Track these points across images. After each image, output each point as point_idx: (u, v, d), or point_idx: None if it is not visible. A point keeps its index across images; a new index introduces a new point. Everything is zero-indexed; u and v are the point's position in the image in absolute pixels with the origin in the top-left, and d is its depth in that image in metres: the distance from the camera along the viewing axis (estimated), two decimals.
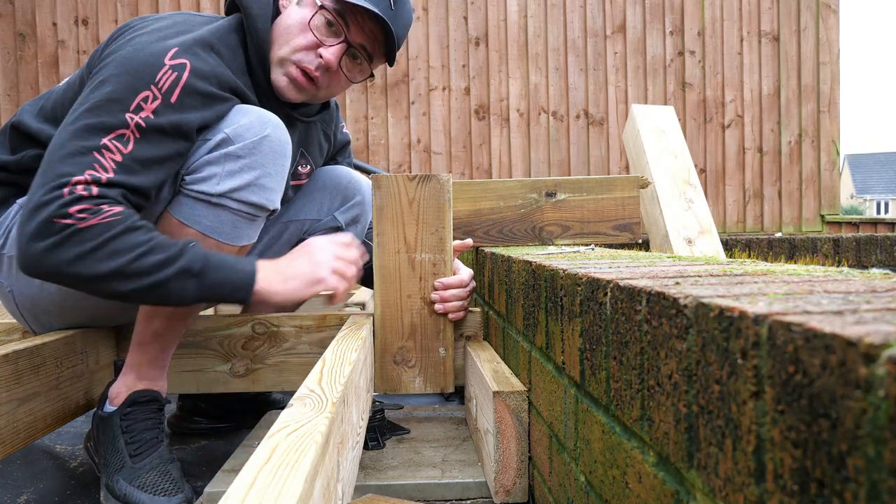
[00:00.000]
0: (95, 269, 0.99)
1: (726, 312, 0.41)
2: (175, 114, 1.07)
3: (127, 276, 1.01)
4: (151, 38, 1.12)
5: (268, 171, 1.16)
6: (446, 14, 4.50)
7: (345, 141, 1.63)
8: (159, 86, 1.07)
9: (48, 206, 0.98)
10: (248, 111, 1.16)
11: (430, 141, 4.49)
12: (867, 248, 3.12)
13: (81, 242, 0.98)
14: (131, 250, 1.00)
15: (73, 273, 1.00)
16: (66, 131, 1.04)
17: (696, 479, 0.47)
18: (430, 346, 1.40)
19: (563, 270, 0.83)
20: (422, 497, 1.13)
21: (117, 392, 1.21)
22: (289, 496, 0.43)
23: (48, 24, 4.31)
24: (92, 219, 0.98)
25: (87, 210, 0.98)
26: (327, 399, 0.69)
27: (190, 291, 1.05)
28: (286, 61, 1.24)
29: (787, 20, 4.64)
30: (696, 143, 4.58)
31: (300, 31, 1.23)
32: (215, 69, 1.13)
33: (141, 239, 1.02)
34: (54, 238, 0.98)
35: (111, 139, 1.03)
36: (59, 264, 0.99)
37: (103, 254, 0.99)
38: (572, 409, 0.80)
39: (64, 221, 0.97)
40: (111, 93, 1.05)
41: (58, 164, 1.00)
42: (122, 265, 1.00)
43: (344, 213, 1.50)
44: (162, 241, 1.04)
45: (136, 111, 1.05)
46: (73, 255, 0.98)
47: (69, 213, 0.98)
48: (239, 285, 1.10)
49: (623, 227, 1.77)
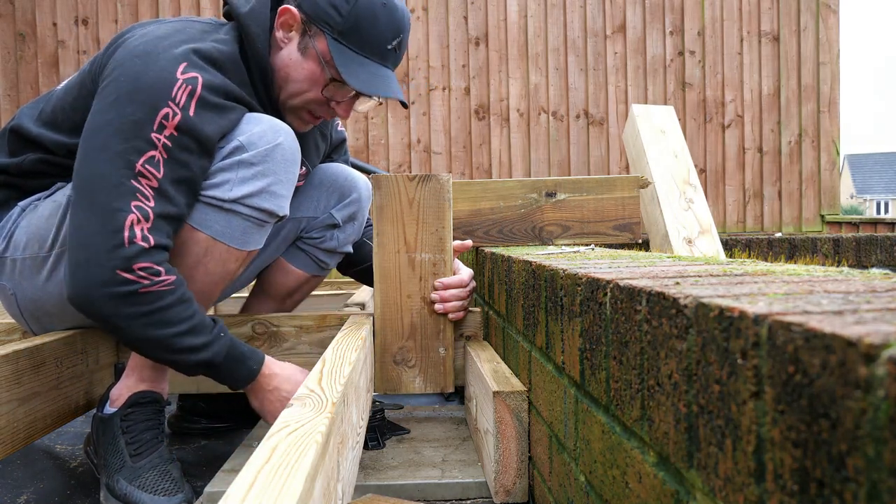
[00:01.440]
0: (142, 332, 1.07)
1: (726, 312, 0.41)
2: (196, 128, 1.10)
3: (164, 347, 1.09)
4: (157, 49, 1.12)
5: (279, 178, 1.19)
6: (446, 14, 4.50)
7: (340, 139, 1.64)
8: (176, 101, 1.09)
9: (113, 254, 1.03)
10: (260, 119, 1.19)
11: (430, 141, 4.49)
12: (867, 248, 3.12)
13: (138, 304, 1.05)
14: (177, 324, 1.08)
15: (119, 326, 1.07)
16: (98, 156, 1.07)
17: (696, 479, 0.47)
18: (430, 345, 1.40)
19: (563, 270, 0.83)
20: (422, 497, 1.13)
21: (118, 394, 1.21)
22: (289, 496, 0.43)
23: (48, 24, 4.31)
24: (151, 285, 1.06)
25: (148, 270, 1.05)
26: (327, 399, 0.69)
27: (199, 373, 1.15)
28: (299, 109, 1.31)
29: (787, 20, 4.64)
30: (696, 143, 4.58)
31: (310, 87, 1.27)
32: (224, 81, 1.16)
33: (186, 314, 1.09)
34: (116, 289, 1.04)
35: (143, 163, 1.07)
36: (110, 315, 1.05)
37: (153, 320, 1.07)
38: (572, 409, 0.80)
39: (127, 276, 1.04)
40: (133, 113, 1.07)
41: (106, 195, 1.05)
42: (165, 337, 1.08)
43: (341, 211, 1.51)
44: (200, 321, 1.11)
45: (160, 130, 1.07)
46: (128, 314, 1.06)
47: (133, 269, 1.04)
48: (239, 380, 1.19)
49: (623, 227, 1.76)
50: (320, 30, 1.23)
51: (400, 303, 1.39)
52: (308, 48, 1.24)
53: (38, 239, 1.21)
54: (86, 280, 1.04)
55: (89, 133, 1.09)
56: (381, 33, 1.24)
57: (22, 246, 1.23)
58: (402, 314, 1.39)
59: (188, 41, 1.15)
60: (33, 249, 1.22)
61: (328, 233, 1.50)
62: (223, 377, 1.17)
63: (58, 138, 1.23)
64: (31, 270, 1.23)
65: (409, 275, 1.38)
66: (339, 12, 1.21)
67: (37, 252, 1.22)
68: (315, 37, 1.23)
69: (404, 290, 1.39)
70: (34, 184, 1.28)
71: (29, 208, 1.26)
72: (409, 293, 1.39)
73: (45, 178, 1.27)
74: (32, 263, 1.22)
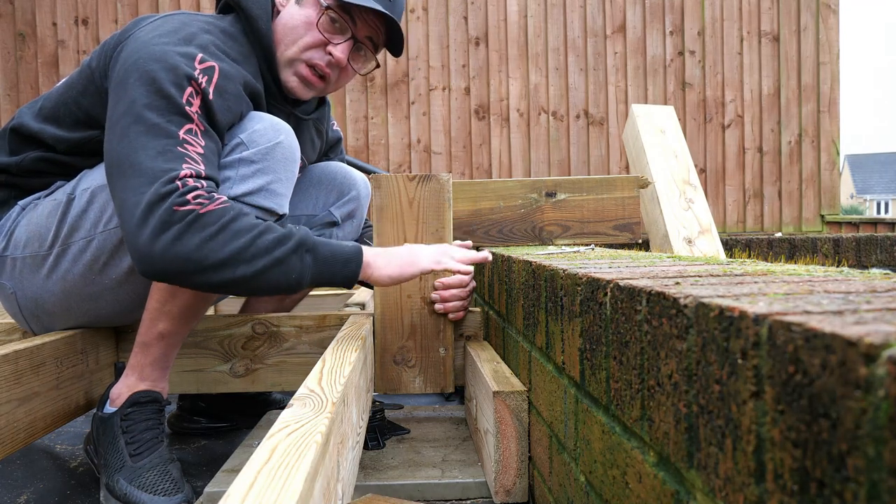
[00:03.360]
0: (220, 252, 1.00)
1: (726, 312, 0.41)
2: (213, 111, 1.10)
3: (250, 256, 1.02)
4: (173, 40, 1.12)
5: (279, 176, 1.19)
6: (446, 14, 4.50)
7: (336, 137, 1.65)
8: (199, 82, 1.09)
9: (167, 199, 0.99)
10: (261, 117, 1.19)
11: (430, 141, 4.49)
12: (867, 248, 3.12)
13: (204, 227, 1.00)
14: (249, 231, 1.02)
15: (199, 259, 1.00)
16: (135, 129, 1.04)
17: (696, 478, 0.47)
18: (430, 345, 1.40)
19: (563, 270, 0.83)
20: (422, 497, 1.13)
21: (118, 393, 1.21)
22: (289, 496, 0.43)
23: (48, 24, 4.31)
24: (209, 204, 1.01)
25: (203, 196, 1.01)
26: (327, 399, 0.69)
27: (308, 266, 1.06)
28: (296, 61, 1.27)
29: (787, 20, 4.64)
30: (696, 143, 4.58)
31: (307, 30, 1.26)
32: (239, 71, 1.17)
33: (254, 221, 1.04)
34: (178, 226, 0.99)
35: (184, 132, 1.05)
36: (188, 252, 0.99)
37: (226, 236, 1.01)
38: (572, 409, 0.80)
39: (185, 209, 0.99)
40: (162, 89, 1.06)
41: (153, 162, 1.02)
42: (245, 245, 1.01)
43: (339, 208, 1.51)
44: (270, 224, 1.06)
45: (189, 105, 1.07)
46: (198, 241, 1.00)
47: (188, 200, 1.00)
48: (350, 257, 1.10)
49: (623, 227, 1.76)
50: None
51: (400, 303, 1.39)
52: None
53: (38, 237, 1.22)
54: (151, 235, 0.99)
55: (118, 114, 1.07)
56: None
57: (22, 244, 1.23)
58: (402, 314, 1.39)
59: (200, 33, 1.16)
60: (33, 248, 1.22)
61: (327, 231, 1.50)
62: (332, 261, 1.08)
63: (59, 133, 1.23)
64: (31, 269, 1.23)
65: None
66: None
67: (37, 250, 1.22)
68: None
69: (404, 290, 1.39)
70: (34, 183, 1.28)
71: (29, 207, 1.26)
72: (409, 293, 1.39)
73: (46, 176, 1.27)
74: (33, 262, 1.23)
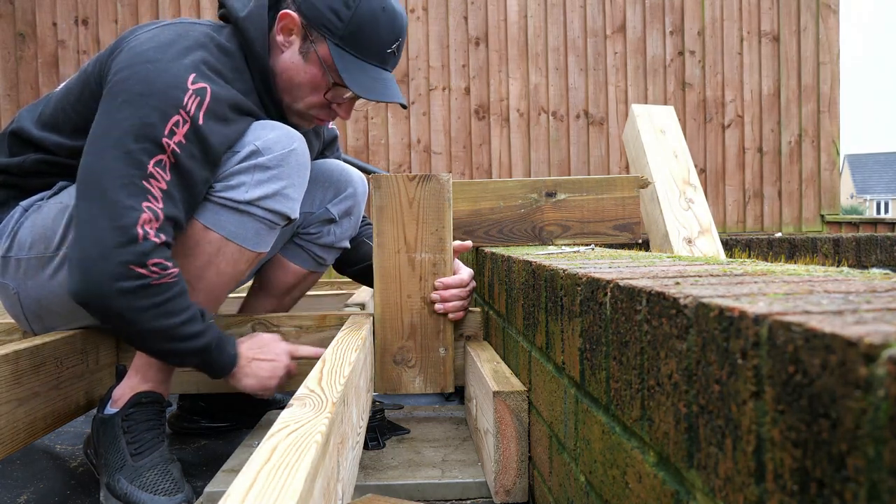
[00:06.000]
0: (149, 324, 1.08)
1: (726, 312, 0.41)
2: (204, 138, 1.12)
3: (169, 337, 1.10)
4: (167, 56, 1.13)
5: (293, 182, 1.22)
6: (446, 14, 4.50)
7: (332, 136, 1.67)
8: (187, 109, 1.10)
9: (126, 250, 1.04)
10: (274, 126, 1.23)
11: (430, 141, 4.49)
12: (867, 248, 3.12)
13: (149, 297, 1.07)
14: (181, 313, 1.10)
15: (129, 319, 1.07)
16: (110, 153, 1.07)
17: (696, 478, 0.47)
18: (430, 345, 1.40)
19: (563, 270, 0.83)
20: (422, 497, 1.13)
21: (121, 393, 1.21)
22: (289, 496, 0.43)
23: (48, 24, 4.31)
24: (160, 278, 1.07)
25: (160, 266, 1.07)
26: (327, 399, 0.69)
27: (195, 362, 1.17)
28: (302, 113, 1.33)
29: (787, 20, 4.63)
30: (696, 143, 4.58)
31: (311, 92, 1.29)
32: (231, 93, 1.18)
33: (187, 304, 1.12)
34: (129, 284, 1.05)
35: (153, 165, 1.08)
36: (125, 309, 1.06)
37: (162, 311, 1.08)
38: (572, 409, 0.80)
39: (140, 271, 1.05)
40: (145, 116, 1.08)
41: (117, 193, 1.06)
42: (171, 326, 1.10)
43: (336, 206, 1.51)
44: (195, 310, 1.14)
45: (170, 136, 1.09)
46: (139, 306, 1.06)
47: (146, 264, 1.05)
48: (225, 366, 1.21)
49: (623, 227, 1.76)
50: (321, 35, 1.24)
51: (400, 303, 1.39)
52: (310, 52, 1.26)
53: (44, 239, 1.22)
54: (97, 275, 1.04)
55: (100, 131, 1.10)
56: (381, 38, 1.25)
57: (27, 246, 1.23)
58: (402, 314, 1.39)
59: (195, 48, 1.16)
60: (39, 249, 1.22)
61: (325, 228, 1.50)
62: (213, 364, 1.19)
63: (59, 140, 1.23)
64: (35, 270, 1.23)
65: (409, 275, 1.38)
66: (339, 18, 1.22)
67: (43, 252, 1.22)
68: (316, 42, 1.25)
69: (404, 290, 1.39)
70: (36, 183, 1.28)
71: (32, 208, 1.26)
72: (410, 293, 1.39)
73: (47, 177, 1.27)
74: (38, 263, 1.23)
